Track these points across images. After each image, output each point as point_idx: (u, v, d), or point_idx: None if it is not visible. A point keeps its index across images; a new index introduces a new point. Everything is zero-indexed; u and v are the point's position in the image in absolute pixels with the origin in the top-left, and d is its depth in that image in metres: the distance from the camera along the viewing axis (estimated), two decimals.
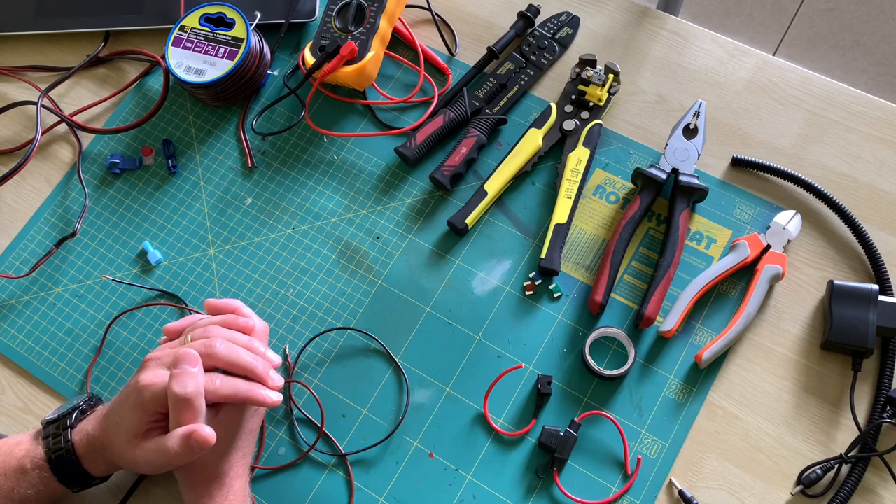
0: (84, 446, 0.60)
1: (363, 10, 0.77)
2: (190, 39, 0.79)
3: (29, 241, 0.79)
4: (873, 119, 0.76)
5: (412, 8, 0.85)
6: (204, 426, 0.56)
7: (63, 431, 0.60)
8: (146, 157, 0.82)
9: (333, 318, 0.74)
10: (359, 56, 0.76)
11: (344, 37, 0.76)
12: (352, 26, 0.77)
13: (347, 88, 0.81)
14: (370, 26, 0.76)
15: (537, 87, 0.81)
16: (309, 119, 0.78)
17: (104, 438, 0.60)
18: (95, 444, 0.60)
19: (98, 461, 0.60)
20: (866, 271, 0.71)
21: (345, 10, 0.78)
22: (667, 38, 0.82)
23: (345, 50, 0.75)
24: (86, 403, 0.63)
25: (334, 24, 0.77)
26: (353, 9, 0.77)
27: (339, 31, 0.77)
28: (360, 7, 0.77)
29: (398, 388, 0.71)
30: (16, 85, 0.87)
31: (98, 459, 0.60)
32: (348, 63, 0.76)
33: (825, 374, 0.69)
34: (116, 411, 0.59)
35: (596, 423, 0.68)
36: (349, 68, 0.76)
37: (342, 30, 0.77)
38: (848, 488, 0.64)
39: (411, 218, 0.77)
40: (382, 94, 0.81)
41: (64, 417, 0.61)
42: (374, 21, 0.76)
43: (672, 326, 0.69)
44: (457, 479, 0.68)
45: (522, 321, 0.72)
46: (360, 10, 0.77)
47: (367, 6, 0.77)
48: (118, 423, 0.59)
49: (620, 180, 0.76)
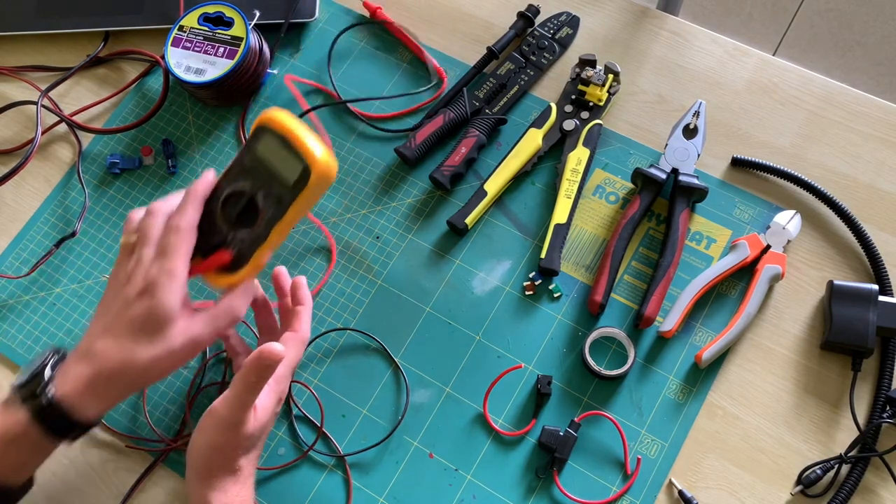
0: (77, 391, 0.56)
1: (256, 210, 0.58)
2: (189, 39, 0.79)
3: (29, 241, 0.79)
4: (873, 119, 0.76)
5: (405, 12, 0.85)
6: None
7: (43, 387, 0.56)
8: (146, 157, 0.82)
9: (333, 318, 0.74)
10: (233, 266, 0.59)
11: (224, 232, 0.60)
12: (238, 224, 0.59)
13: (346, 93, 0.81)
14: (258, 235, 0.59)
15: (537, 87, 0.81)
16: (315, 118, 0.78)
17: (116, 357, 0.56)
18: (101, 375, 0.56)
19: (100, 398, 0.57)
20: (866, 271, 0.71)
21: (234, 199, 0.59)
22: (667, 38, 0.82)
23: (215, 259, 0.59)
24: (53, 356, 0.59)
25: (220, 212, 0.60)
26: (242, 204, 0.59)
27: (223, 223, 0.60)
28: (252, 204, 0.59)
29: (398, 388, 0.71)
30: (16, 85, 0.87)
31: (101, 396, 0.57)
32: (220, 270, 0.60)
33: (825, 374, 0.69)
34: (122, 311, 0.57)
35: (596, 423, 0.68)
36: (220, 277, 0.60)
37: (228, 223, 0.59)
38: (848, 488, 0.64)
39: (411, 218, 0.77)
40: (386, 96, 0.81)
41: (38, 374, 0.57)
42: (264, 229, 0.58)
43: (672, 326, 0.69)
44: (457, 479, 0.68)
45: (522, 321, 0.72)
46: (251, 207, 0.59)
47: (261, 207, 0.58)
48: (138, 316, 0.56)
49: (620, 180, 0.76)
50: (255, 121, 0.59)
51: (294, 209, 0.58)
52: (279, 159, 0.58)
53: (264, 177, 0.59)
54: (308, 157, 0.57)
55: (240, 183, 0.59)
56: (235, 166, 0.60)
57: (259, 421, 0.59)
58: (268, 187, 0.58)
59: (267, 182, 0.58)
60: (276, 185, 0.58)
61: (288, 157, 0.57)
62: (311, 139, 0.57)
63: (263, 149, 0.59)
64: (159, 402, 0.72)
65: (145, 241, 0.58)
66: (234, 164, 0.60)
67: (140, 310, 0.56)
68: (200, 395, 0.72)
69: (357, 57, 0.84)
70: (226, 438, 0.57)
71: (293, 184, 0.57)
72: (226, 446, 0.58)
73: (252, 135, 0.59)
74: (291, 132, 0.57)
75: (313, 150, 0.57)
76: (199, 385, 0.72)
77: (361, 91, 0.82)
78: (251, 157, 0.59)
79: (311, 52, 0.84)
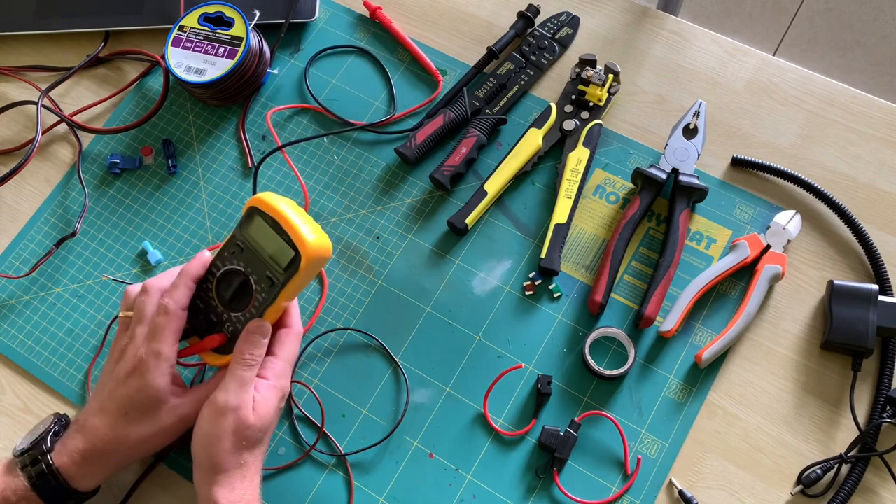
0: (74, 463, 0.59)
1: (249, 291, 0.60)
2: (189, 39, 0.79)
3: (29, 241, 0.79)
4: (873, 119, 0.76)
5: (405, 12, 0.85)
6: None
7: (42, 456, 0.58)
8: (146, 157, 0.82)
9: (333, 318, 0.74)
10: (228, 347, 0.61)
11: (220, 312, 0.62)
12: (231, 305, 0.61)
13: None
14: (250, 317, 0.61)
15: (537, 87, 0.81)
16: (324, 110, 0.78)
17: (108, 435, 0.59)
18: (94, 450, 0.59)
19: (94, 471, 0.59)
20: (866, 271, 0.71)
21: (228, 280, 0.61)
22: (667, 38, 0.82)
23: (210, 341, 0.61)
24: (55, 424, 0.62)
25: (214, 290, 0.62)
26: (237, 285, 0.61)
27: (217, 303, 0.62)
28: (245, 285, 0.60)
29: (398, 388, 0.71)
30: (16, 85, 0.87)
31: (95, 469, 0.59)
32: (218, 351, 0.62)
33: (825, 374, 0.69)
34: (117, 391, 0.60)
35: (596, 423, 0.68)
36: (215, 357, 0.62)
37: (222, 303, 0.62)
38: (848, 488, 0.64)
39: (411, 218, 0.77)
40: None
41: (39, 443, 0.60)
42: (256, 312, 0.60)
43: (672, 326, 0.69)
44: (457, 479, 0.68)
45: (522, 321, 0.72)
46: (245, 288, 0.61)
47: (254, 289, 0.60)
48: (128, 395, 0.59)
49: (620, 180, 0.76)
50: (248, 201, 0.60)
51: (285, 293, 0.59)
52: (270, 243, 0.59)
53: (256, 259, 0.60)
54: (298, 244, 0.57)
55: (233, 263, 0.61)
56: (229, 246, 0.61)
57: (259, 413, 0.59)
58: (260, 270, 0.60)
59: (259, 265, 0.60)
60: (268, 268, 0.59)
61: (279, 241, 0.58)
62: (302, 223, 0.58)
63: (255, 232, 0.60)
64: None
65: (139, 319, 0.61)
66: (228, 244, 0.61)
67: (130, 389, 0.59)
68: None
69: (357, 57, 0.84)
70: (226, 423, 0.58)
71: (284, 268, 0.59)
72: (226, 433, 0.58)
73: (245, 216, 0.60)
74: (282, 216, 0.58)
75: (304, 236, 0.57)
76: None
77: (361, 91, 0.82)
78: (244, 238, 0.61)
79: (311, 52, 0.84)
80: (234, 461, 0.58)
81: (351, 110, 0.81)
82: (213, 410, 0.58)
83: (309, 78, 0.83)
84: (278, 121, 0.82)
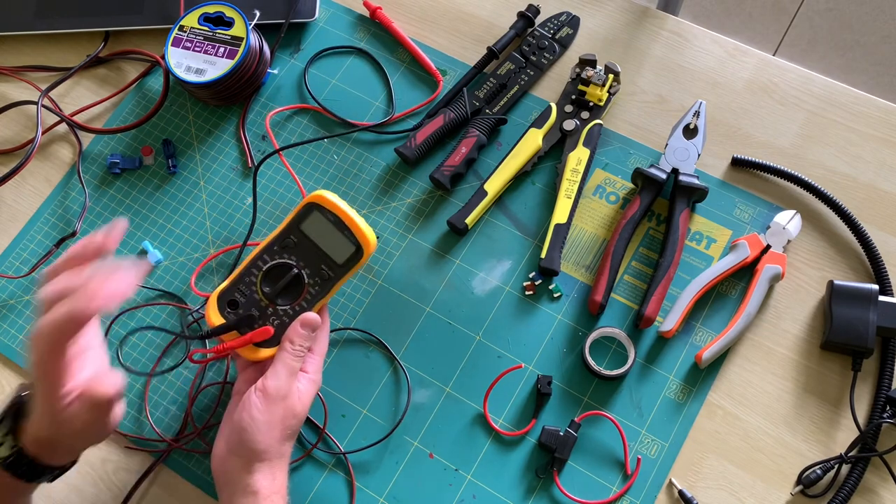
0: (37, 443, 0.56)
1: (300, 285, 0.62)
2: (189, 39, 0.79)
3: (29, 241, 0.79)
4: (873, 119, 0.76)
5: (405, 12, 0.85)
6: None
7: (5, 438, 0.56)
8: (146, 157, 0.82)
9: (333, 317, 0.74)
10: (273, 340, 0.61)
11: (264, 305, 0.62)
12: (279, 298, 0.62)
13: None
14: (300, 309, 0.62)
15: (537, 87, 0.81)
16: (325, 111, 0.78)
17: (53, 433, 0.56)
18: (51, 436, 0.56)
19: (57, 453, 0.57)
20: (866, 271, 0.71)
21: (277, 273, 0.62)
22: (667, 38, 0.82)
23: (257, 334, 0.61)
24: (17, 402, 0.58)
25: (259, 286, 0.62)
26: (287, 279, 0.61)
27: (261, 296, 0.62)
28: (297, 279, 0.62)
29: (398, 388, 0.71)
30: (16, 85, 0.87)
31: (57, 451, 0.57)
32: (259, 344, 0.61)
33: (825, 374, 0.69)
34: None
35: (596, 423, 0.68)
36: (258, 351, 0.61)
37: (267, 296, 0.62)
38: (848, 488, 0.64)
39: (411, 218, 0.77)
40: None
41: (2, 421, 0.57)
42: (307, 305, 0.62)
43: (672, 326, 0.69)
44: (457, 479, 0.68)
45: (522, 321, 0.72)
46: (296, 282, 0.62)
47: (306, 283, 0.61)
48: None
49: (620, 180, 0.76)
50: (305, 199, 0.62)
51: (337, 287, 0.62)
52: (330, 239, 0.61)
53: (311, 254, 0.62)
54: (362, 240, 0.61)
55: (284, 258, 0.62)
56: (279, 241, 0.62)
57: (303, 402, 0.60)
58: (314, 265, 0.62)
59: (314, 259, 0.62)
60: (324, 263, 0.62)
61: (340, 237, 0.61)
62: (363, 221, 0.61)
63: (313, 228, 0.61)
64: (160, 402, 0.72)
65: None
66: (278, 239, 0.62)
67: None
68: (201, 394, 0.72)
69: (357, 57, 0.84)
70: (278, 411, 0.58)
71: (343, 263, 0.61)
72: (277, 420, 0.58)
73: (301, 211, 0.62)
74: (345, 214, 0.61)
75: (366, 233, 0.61)
76: (199, 385, 0.72)
77: (361, 91, 0.82)
78: (298, 234, 0.62)
79: (311, 52, 0.84)
80: (277, 450, 0.58)
81: (351, 110, 0.81)
82: (264, 397, 0.58)
83: (309, 78, 0.83)
84: (278, 121, 0.82)
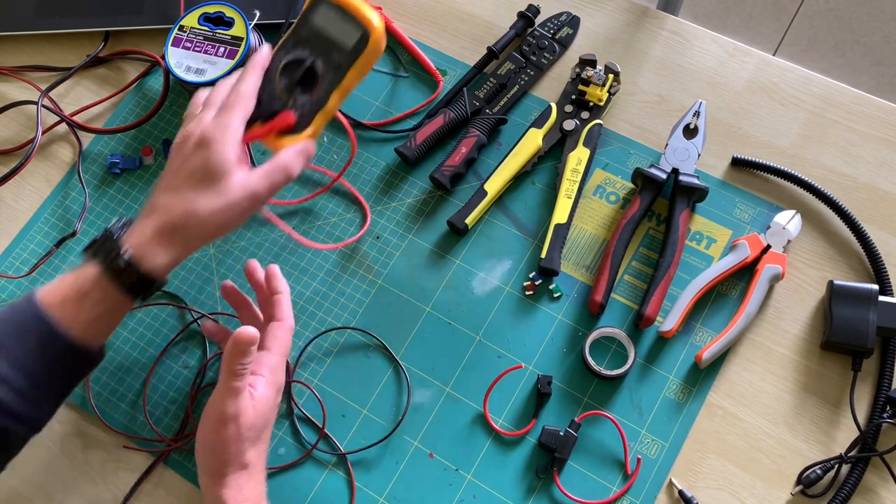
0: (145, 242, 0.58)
1: (315, 77, 0.62)
2: (189, 39, 0.79)
3: (29, 241, 0.79)
4: (873, 119, 0.76)
5: (405, 12, 0.85)
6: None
7: (113, 243, 0.58)
8: (146, 157, 0.82)
9: (333, 317, 0.74)
10: (295, 128, 0.63)
11: (283, 100, 0.63)
12: (297, 90, 0.63)
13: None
14: (318, 99, 0.62)
15: (537, 87, 0.81)
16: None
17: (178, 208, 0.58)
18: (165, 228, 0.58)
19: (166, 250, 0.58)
20: (866, 271, 0.71)
21: (293, 68, 0.63)
22: (667, 38, 0.82)
23: (279, 120, 0.62)
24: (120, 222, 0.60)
25: (277, 81, 0.63)
26: (302, 71, 0.62)
27: (281, 91, 0.63)
28: (311, 71, 0.62)
29: (398, 388, 0.71)
30: (16, 85, 0.87)
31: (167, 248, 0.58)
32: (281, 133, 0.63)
33: (825, 374, 0.69)
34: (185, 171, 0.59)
35: (596, 423, 0.68)
36: (280, 140, 0.63)
37: (285, 90, 0.63)
38: (848, 488, 0.64)
39: (411, 218, 0.77)
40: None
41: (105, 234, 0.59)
42: (323, 94, 0.62)
43: (672, 326, 0.69)
44: (457, 479, 0.68)
45: (522, 321, 0.72)
46: (311, 74, 0.62)
47: (320, 74, 0.62)
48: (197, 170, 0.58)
49: (620, 180, 0.76)
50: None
51: (352, 74, 0.62)
52: (337, 27, 0.62)
53: (322, 45, 0.63)
54: (367, 24, 0.61)
55: (297, 52, 0.63)
56: (291, 38, 0.64)
57: (258, 410, 0.59)
58: (326, 54, 0.62)
59: (325, 49, 0.63)
60: (334, 51, 0.62)
61: (346, 24, 0.62)
62: (368, 7, 0.61)
63: (320, 19, 0.63)
64: (159, 401, 0.72)
65: (208, 106, 0.62)
66: (290, 36, 0.64)
67: (197, 161, 0.59)
68: (201, 394, 0.72)
69: None
70: (228, 432, 0.58)
71: (351, 49, 0.62)
72: (230, 440, 0.58)
73: (307, 7, 0.63)
74: (348, 1, 0.62)
75: (371, 17, 0.61)
76: (199, 384, 0.72)
77: (361, 91, 0.82)
78: (308, 27, 0.63)
79: None
80: (238, 463, 0.58)
81: (351, 110, 0.81)
82: (212, 421, 0.58)
83: None
84: None
